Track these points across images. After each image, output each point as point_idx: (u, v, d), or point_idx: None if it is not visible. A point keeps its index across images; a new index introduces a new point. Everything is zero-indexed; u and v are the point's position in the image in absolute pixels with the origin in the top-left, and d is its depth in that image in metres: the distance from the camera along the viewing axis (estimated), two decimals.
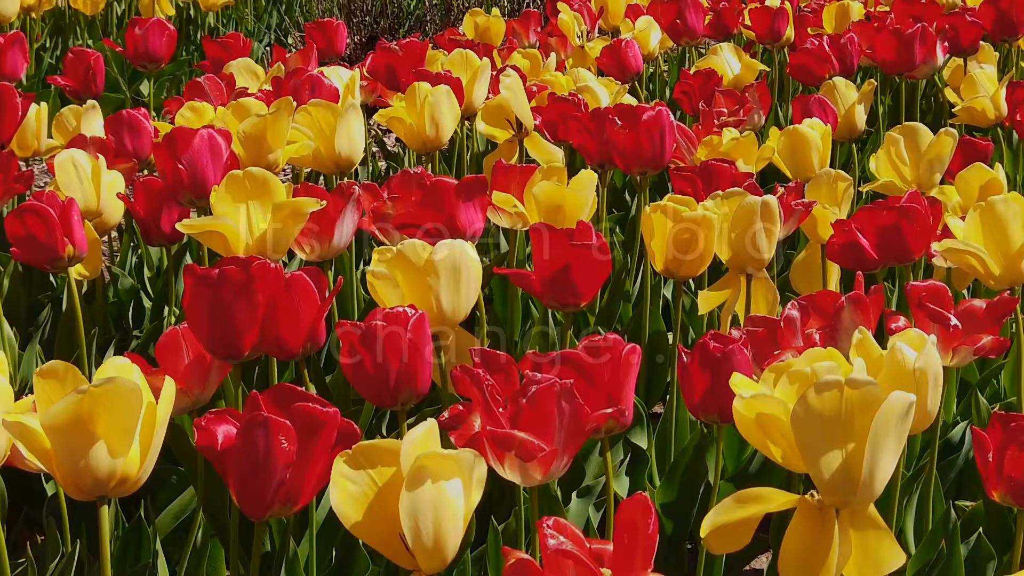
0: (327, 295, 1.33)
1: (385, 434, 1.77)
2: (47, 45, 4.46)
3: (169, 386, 1.01)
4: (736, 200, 1.61)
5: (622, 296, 2.00)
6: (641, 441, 1.69)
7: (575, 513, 1.51)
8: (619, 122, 1.83)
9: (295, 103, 1.77)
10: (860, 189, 2.22)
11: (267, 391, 1.07)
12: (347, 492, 0.99)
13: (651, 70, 3.29)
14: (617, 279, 1.96)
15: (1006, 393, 1.86)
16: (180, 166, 1.59)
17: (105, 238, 2.30)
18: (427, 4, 4.31)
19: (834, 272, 1.89)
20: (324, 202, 1.45)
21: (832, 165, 2.55)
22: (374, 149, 3.22)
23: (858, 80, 3.21)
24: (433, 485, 0.96)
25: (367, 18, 3.99)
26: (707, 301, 1.69)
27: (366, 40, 4.05)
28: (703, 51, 3.14)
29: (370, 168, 2.78)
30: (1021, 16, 2.85)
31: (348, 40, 4.13)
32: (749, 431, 1.09)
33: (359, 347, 1.21)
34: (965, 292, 2.01)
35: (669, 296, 2.09)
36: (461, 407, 1.18)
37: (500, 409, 1.10)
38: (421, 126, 1.95)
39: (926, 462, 1.49)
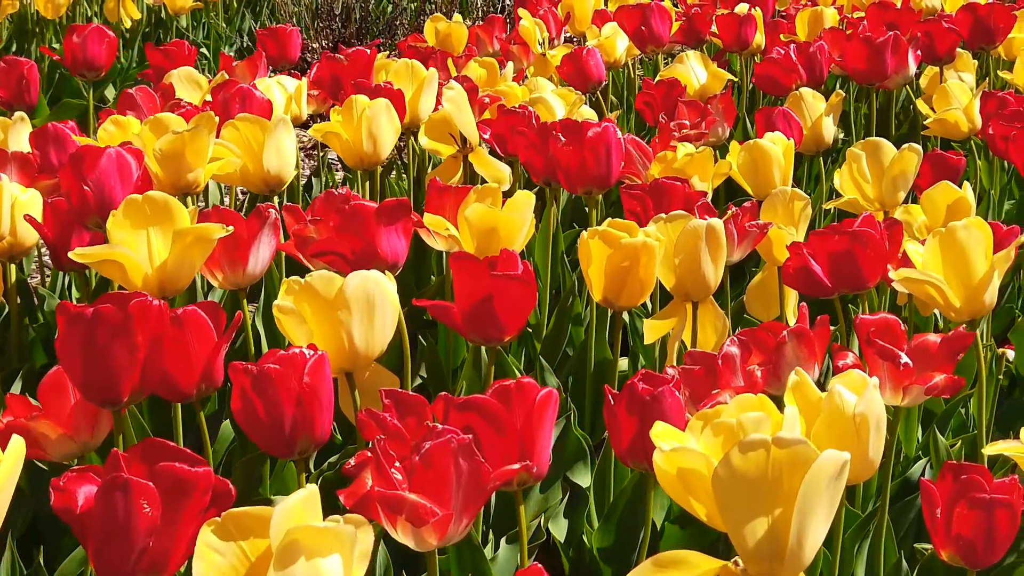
0: (225, 331, 1.23)
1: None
2: (11, 49, 4.36)
3: (16, 445, 0.90)
4: (680, 223, 1.51)
5: (571, 320, 1.89)
6: (583, 479, 1.59)
7: (503, 560, 1.41)
8: (563, 138, 1.73)
9: (217, 118, 1.67)
10: (825, 206, 2.12)
11: (134, 447, 0.97)
12: (213, 565, 0.88)
13: (625, 77, 3.19)
14: (564, 302, 1.85)
15: (975, 423, 1.76)
16: (86, 187, 1.49)
17: (36, 257, 2.20)
18: (397, 8, 4.21)
19: (791, 296, 1.78)
20: (231, 228, 1.35)
21: (801, 180, 2.46)
22: (330, 158, 3.12)
23: (836, 88, 3.12)
24: (307, 563, 0.85)
25: (334, 23, 3.89)
26: (653, 330, 1.59)
27: (333, 45, 3.95)
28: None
29: (324, 180, 2.68)
30: (999, 23, 2.75)
31: (316, 45, 4.04)
32: (671, 487, 1.00)
33: (250, 392, 1.11)
34: (936, 314, 1.91)
35: (626, 317, 1.99)
36: (370, 454, 1.09)
37: (397, 463, 1.00)
38: (358, 141, 1.84)
39: (879, 505, 1.39)
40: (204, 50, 4.46)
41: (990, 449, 1.18)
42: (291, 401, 1.11)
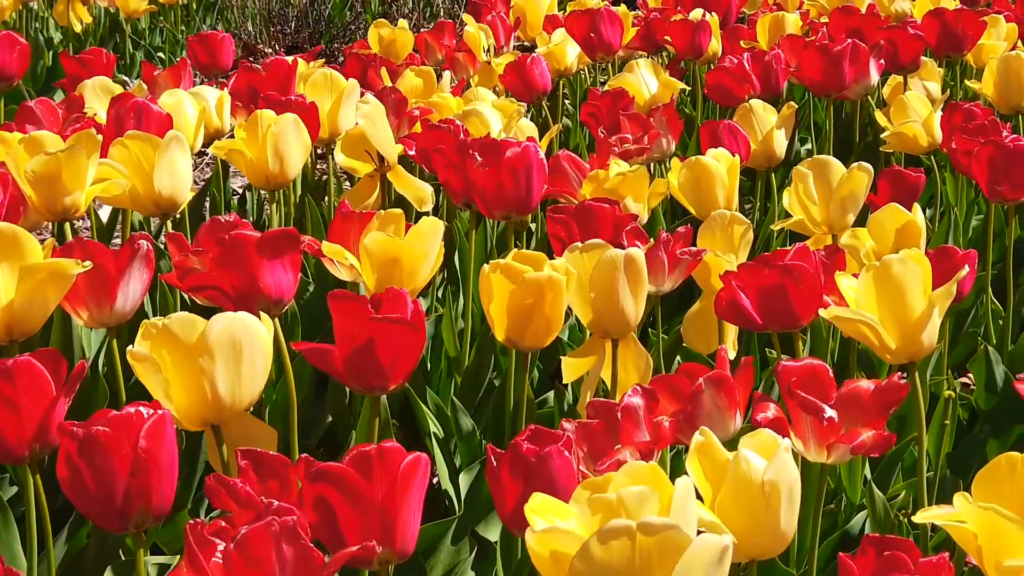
0: (67, 382, 1.09)
1: None
2: None
3: None
4: (597, 253, 1.38)
5: (497, 350, 1.76)
6: (493, 532, 1.46)
7: None
8: (479, 158, 1.60)
9: (101, 136, 1.53)
10: (773, 227, 1.99)
11: None
12: None
13: (586, 86, 3.05)
14: (485, 332, 1.72)
15: (929, 462, 1.62)
16: None
17: None
18: (355, 12, 4.07)
19: (731, 328, 1.65)
20: (88, 263, 1.22)
21: (756, 196, 2.33)
22: None
23: (803, 98, 2.98)
24: None
25: (287, 28, 3.76)
26: (571, 369, 1.46)
27: (287, 51, 3.81)
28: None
29: (256, 195, 2.54)
30: (967, 30, 2.62)
31: (268, 50, 3.90)
32: (545, 570, 0.87)
33: (76, 459, 0.98)
34: None
35: (565, 337, 1.85)
36: (224, 523, 0.96)
37: (223, 546, 0.87)
38: (262, 160, 1.71)
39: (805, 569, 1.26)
40: (161, 55, 4.33)
41: (920, 517, 1.05)
42: (124, 469, 0.98)
